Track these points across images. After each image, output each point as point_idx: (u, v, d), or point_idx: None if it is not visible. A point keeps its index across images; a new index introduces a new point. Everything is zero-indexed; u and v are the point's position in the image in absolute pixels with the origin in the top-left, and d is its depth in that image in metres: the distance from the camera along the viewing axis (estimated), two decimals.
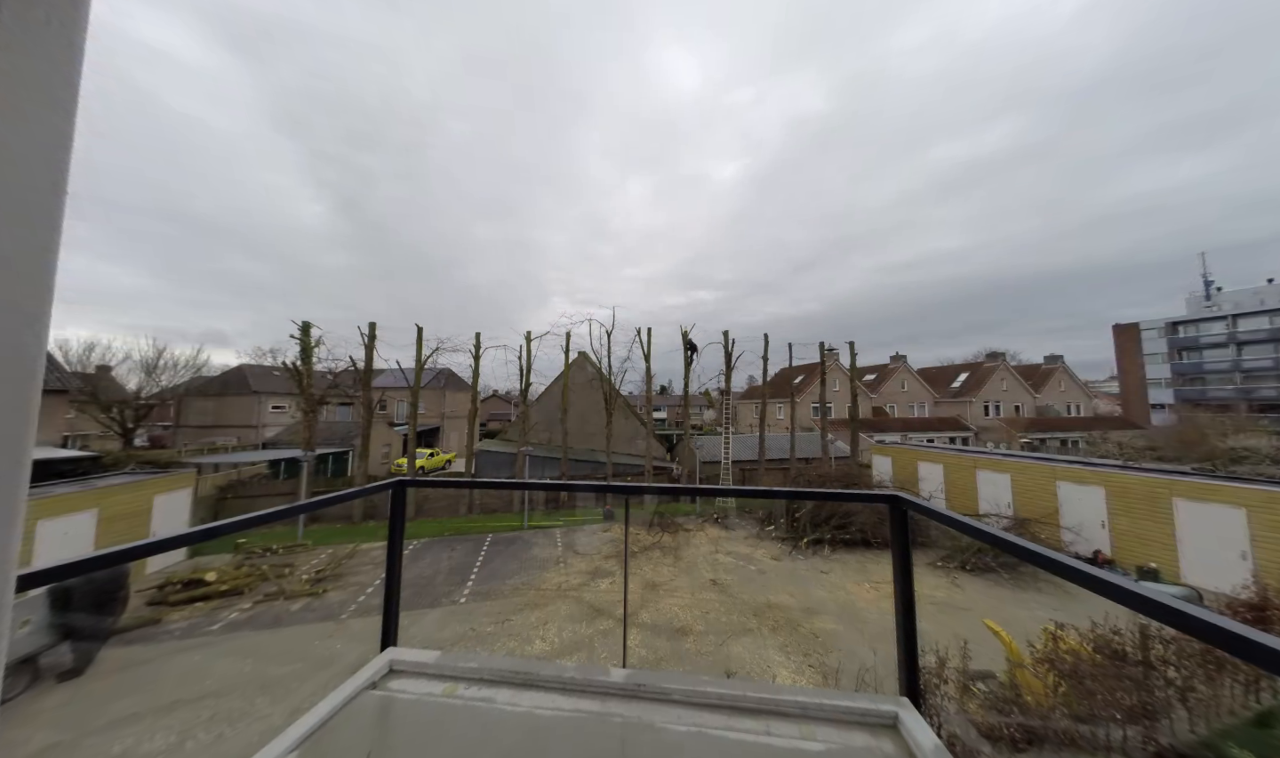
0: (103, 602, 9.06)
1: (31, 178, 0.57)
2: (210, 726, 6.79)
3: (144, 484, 14.36)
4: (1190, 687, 4.61)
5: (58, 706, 7.39)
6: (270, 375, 35.40)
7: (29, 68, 0.55)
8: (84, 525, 12.19)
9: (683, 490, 2.87)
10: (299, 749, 1.68)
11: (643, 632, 9.72)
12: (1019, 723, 4.59)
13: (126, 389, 30.24)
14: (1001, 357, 47.95)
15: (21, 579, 1.12)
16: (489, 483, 4.27)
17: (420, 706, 1.95)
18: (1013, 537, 1.52)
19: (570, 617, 10.52)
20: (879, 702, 1.87)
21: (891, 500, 2.02)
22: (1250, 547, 10.95)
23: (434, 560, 14.62)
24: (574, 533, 17.78)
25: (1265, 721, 4.39)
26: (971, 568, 12.66)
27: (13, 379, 0.56)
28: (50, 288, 0.59)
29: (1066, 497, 14.96)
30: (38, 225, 0.57)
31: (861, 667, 6.90)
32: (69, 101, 0.60)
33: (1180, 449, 23.85)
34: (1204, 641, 1.00)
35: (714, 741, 1.71)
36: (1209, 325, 46.66)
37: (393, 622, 2.38)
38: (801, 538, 15.24)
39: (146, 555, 1.59)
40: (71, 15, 0.60)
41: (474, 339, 23.64)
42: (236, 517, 1.81)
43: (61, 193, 0.60)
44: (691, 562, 14.16)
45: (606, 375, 24.67)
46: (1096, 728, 4.28)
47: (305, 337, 20.40)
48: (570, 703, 1.93)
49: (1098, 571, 1.21)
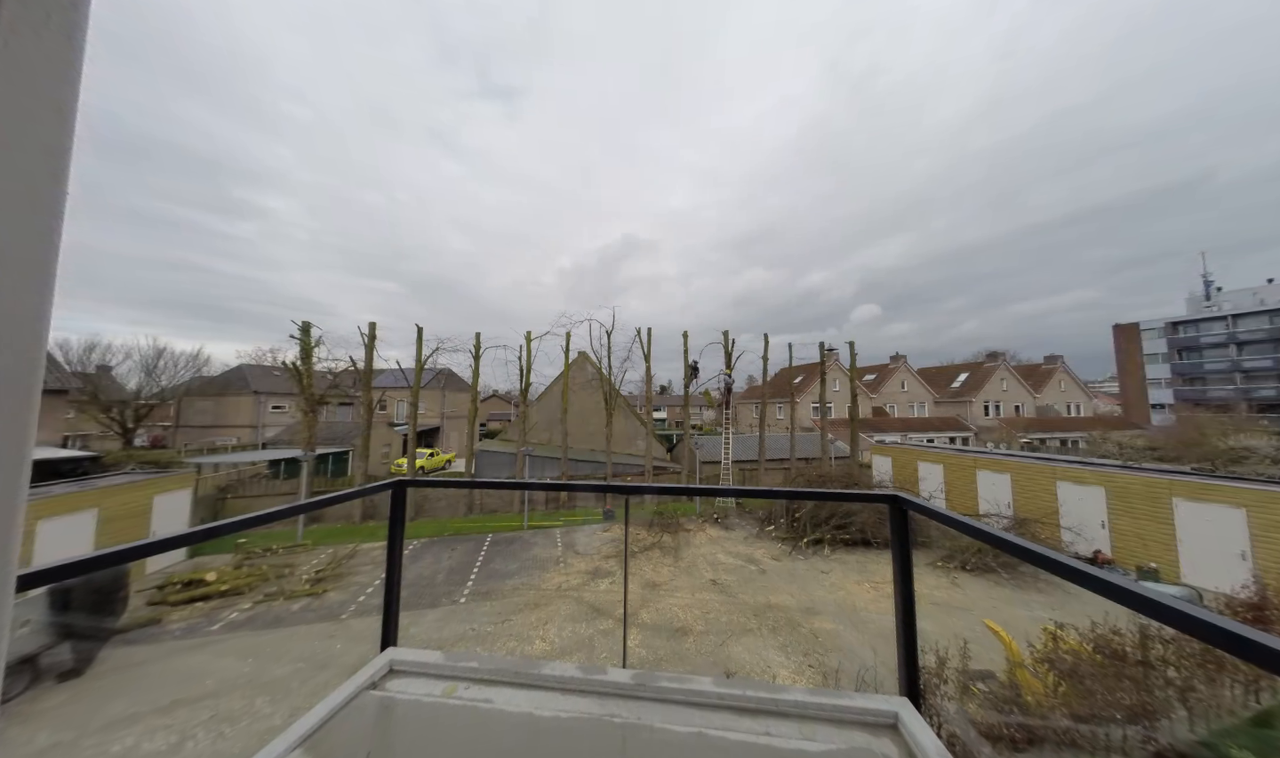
0: (103, 602, 9.06)
1: (31, 178, 0.57)
2: (210, 726, 6.79)
3: (144, 484, 14.35)
4: (1190, 687, 4.60)
5: (58, 706, 7.39)
6: (270, 375, 35.38)
7: (29, 68, 0.55)
8: (84, 525, 12.18)
9: (683, 491, 2.87)
10: (299, 749, 1.68)
11: (643, 632, 9.71)
12: (1019, 723, 4.58)
13: (126, 389, 30.24)
14: (1001, 357, 47.95)
15: (21, 579, 1.11)
16: (489, 483, 4.26)
17: (420, 706, 1.95)
18: (1013, 537, 1.52)
19: (570, 617, 10.52)
20: (879, 702, 1.87)
21: (891, 500, 2.02)
22: (1250, 547, 10.95)
23: (434, 561, 14.62)
24: (574, 533, 17.77)
25: (1265, 721, 4.38)
26: (971, 568, 12.66)
27: (13, 379, 0.56)
28: (50, 288, 0.59)
29: (1066, 497, 14.96)
30: (38, 225, 0.57)
31: (861, 667, 6.91)
32: (69, 101, 0.60)
33: (1180, 449, 23.83)
34: (1204, 641, 1.00)
35: (714, 741, 1.71)
36: (1209, 326, 46.66)
37: (393, 622, 2.38)
38: (801, 538, 15.23)
39: (146, 555, 1.59)
40: (71, 15, 0.60)
41: (474, 339, 23.67)
42: (236, 517, 1.81)
43: (62, 192, 0.59)
44: (691, 562, 14.16)
45: (606, 375, 24.68)
46: (1096, 728, 4.28)
47: (305, 337, 20.40)
48: (570, 703, 1.93)
49: (1098, 570, 1.21)
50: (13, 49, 0.54)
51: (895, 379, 46.16)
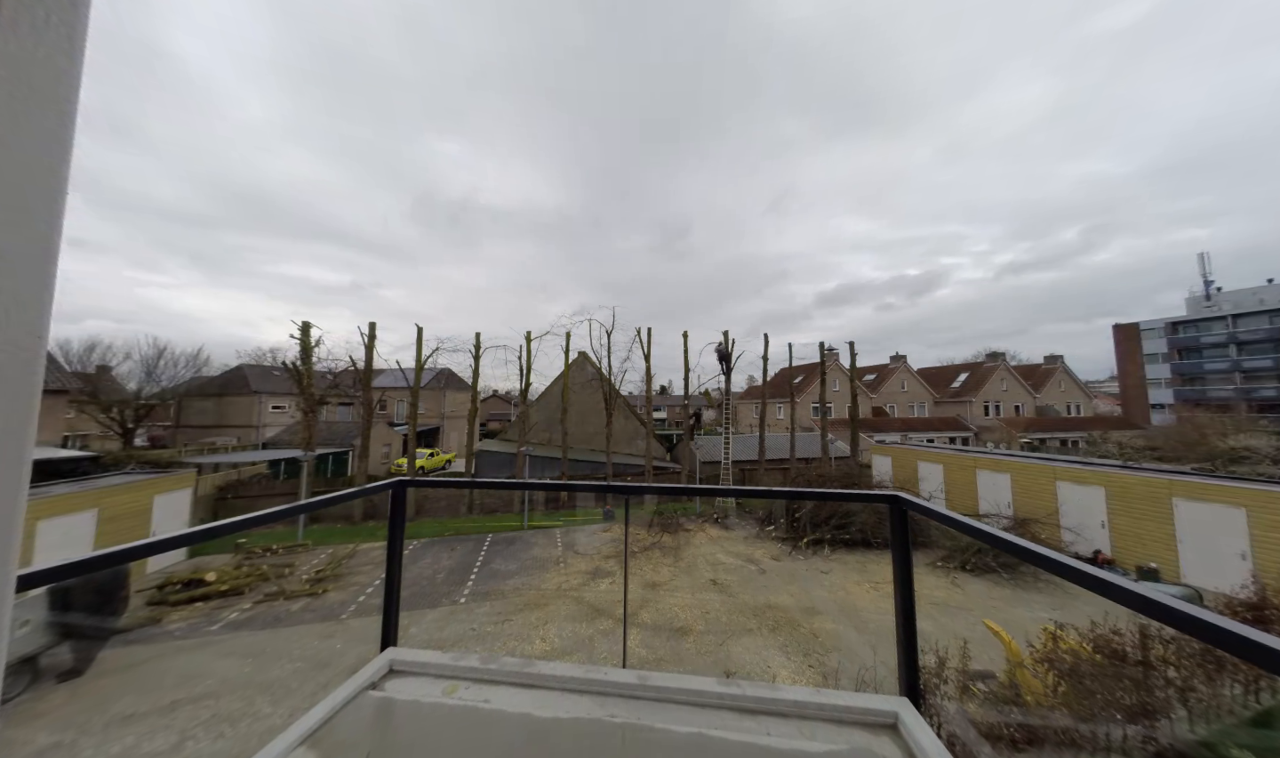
0: (103, 602, 9.06)
1: (31, 178, 0.57)
2: (210, 726, 6.79)
3: (144, 484, 14.35)
4: (1190, 687, 4.61)
5: (58, 706, 7.39)
6: (270, 375, 35.44)
7: (29, 68, 0.55)
8: (84, 525, 12.18)
9: (683, 490, 2.87)
10: (299, 749, 1.68)
11: (643, 632, 9.71)
12: (1019, 723, 4.58)
13: (126, 389, 30.26)
14: (1001, 357, 47.94)
15: (21, 579, 1.12)
16: (489, 483, 4.27)
17: (420, 706, 1.95)
18: (1013, 537, 1.52)
19: (570, 617, 10.52)
20: (879, 702, 1.87)
21: (891, 500, 2.02)
22: (1250, 547, 10.95)
23: (434, 561, 14.61)
24: (574, 533, 17.77)
25: (1265, 721, 4.39)
26: (971, 568, 12.66)
27: (13, 379, 0.56)
28: (51, 287, 0.59)
29: (1066, 497, 14.96)
30: (38, 225, 0.57)
31: (861, 667, 6.90)
32: (69, 101, 0.60)
33: (1180, 449, 23.82)
34: (1204, 641, 1.00)
35: (714, 741, 1.71)
36: (1209, 326, 46.66)
37: (393, 622, 2.38)
38: (801, 538, 15.23)
39: (146, 555, 1.59)
40: (71, 15, 0.60)
41: (474, 339, 23.68)
42: (236, 517, 1.81)
43: (62, 192, 0.59)
44: (691, 562, 14.15)
45: (606, 375, 24.68)
46: (1096, 728, 4.28)
47: (305, 337, 20.40)
48: (570, 703, 1.93)
49: (1098, 570, 1.21)
50: (13, 49, 0.54)
51: (895, 379, 46.15)
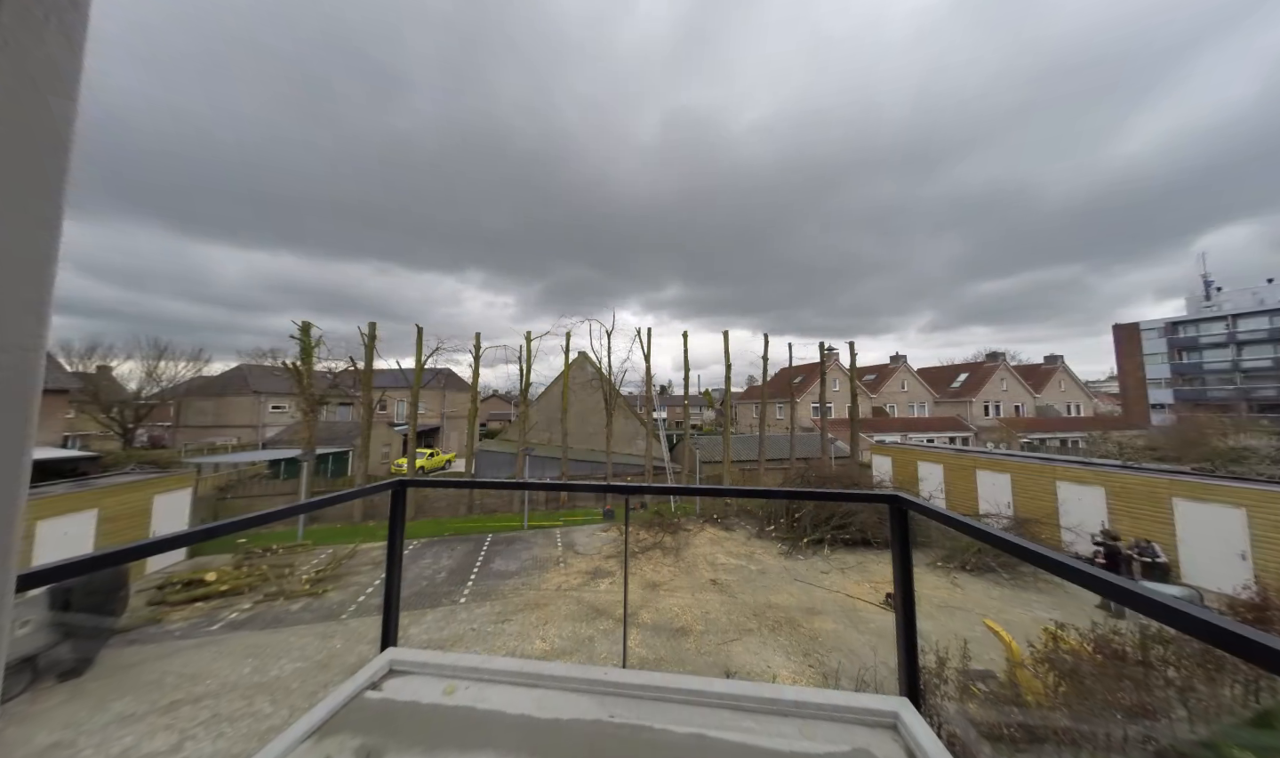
0: (103, 602, 9.06)
1: (31, 177, 0.57)
2: (210, 726, 6.79)
3: (144, 484, 14.35)
4: (1190, 687, 4.61)
5: (58, 706, 7.39)
6: (270, 375, 35.35)
7: (29, 68, 0.55)
8: (84, 526, 12.18)
9: (683, 491, 2.87)
10: (299, 749, 1.68)
11: (643, 632, 9.71)
12: (1019, 723, 4.58)
13: (127, 389, 30.26)
14: (1001, 357, 47.98)
15: (21, 579, 1.11)
16: (489, 483, 4.27)
17: (420, 706, 1.95)
18: (1013, 537, 1.52)
19: (570, 617, 10.52)
20: (879, 702, 1.87)
21: (891, 500, 2.02)
22: (1250, 547, 10.95)
23: (434, 560, 14.62)
24: (574, 533, 17.77)
25: (1265, 721, 4.39)
26: (971, 568, 12.66)
27: (13, 379, 0.56)
28: (50, 287, 0.59)
29: (1066, 497, 14.95)
30: (38, 224, 0.57)
31: (861, 667, 6.91)
32: (69, 101, 0.60)
33: (1180, 449, 23.83)
34: (1204, 641, 1.00)
35: (714, 741, 1.71)
36: (1209, 325, 46.62)
37: (393, 622, 2.38)
38: (801, 538, 15.23)
39: (146, 555, 1.60)
40: (71, 15, 0.60)
41: (474, 339, 23.69)
42: (236, 517, 1.81)
43: (62, 192, 0.60)
44: (691, 562, 14.15)
45: (606, 376, 24.68)
46: (1096, 728, 4.28)
47: (305, 337, 20.41)
48: (570, 703, 1.93)
49: (1098, 571, 1.21)
50: (13, 49, 0.54)
51: (895, 379, 46.16)
